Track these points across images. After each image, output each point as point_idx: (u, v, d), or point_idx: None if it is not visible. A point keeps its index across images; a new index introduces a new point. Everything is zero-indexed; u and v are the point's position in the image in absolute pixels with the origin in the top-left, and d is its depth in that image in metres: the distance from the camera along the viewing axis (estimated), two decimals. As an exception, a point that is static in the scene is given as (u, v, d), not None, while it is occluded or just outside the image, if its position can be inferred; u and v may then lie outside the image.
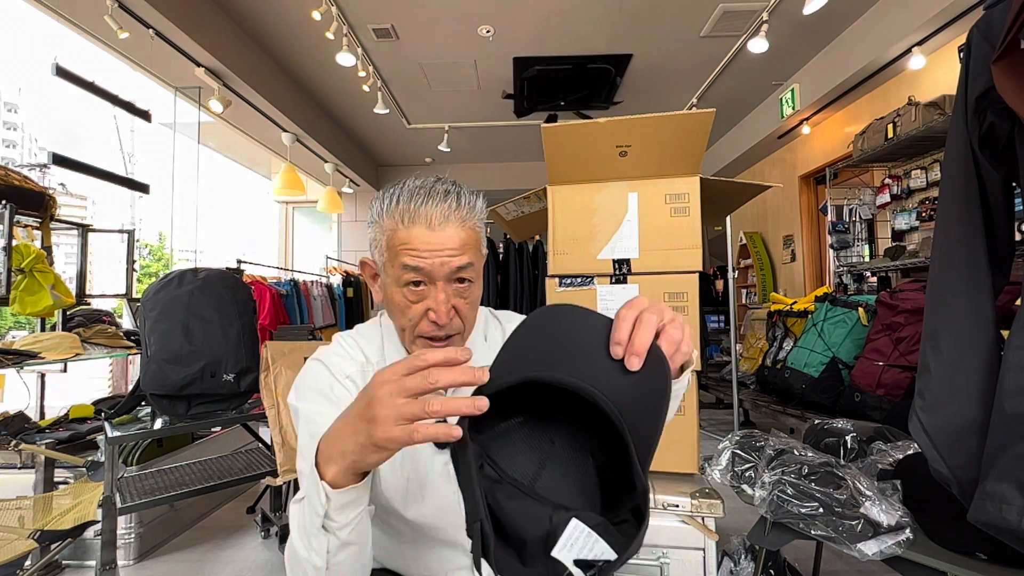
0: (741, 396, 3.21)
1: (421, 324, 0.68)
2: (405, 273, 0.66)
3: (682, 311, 1.20)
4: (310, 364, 0.73)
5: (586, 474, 0.51)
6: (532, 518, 0.45)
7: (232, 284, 1.91)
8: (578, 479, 0.50)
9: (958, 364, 0.87)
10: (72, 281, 2.51)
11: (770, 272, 5.51)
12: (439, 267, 0.65)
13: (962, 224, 0.90)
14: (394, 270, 0.67)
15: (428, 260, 0.65)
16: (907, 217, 3.20)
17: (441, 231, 0.65)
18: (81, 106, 79.12)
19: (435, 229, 0.65)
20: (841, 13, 3.43)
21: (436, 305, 0.66)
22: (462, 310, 0.69)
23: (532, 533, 0.44)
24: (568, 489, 0.50)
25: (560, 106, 4.80)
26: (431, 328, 0.68)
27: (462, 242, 0.66)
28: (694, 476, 1.24)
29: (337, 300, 5.43)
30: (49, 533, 1.47)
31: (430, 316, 0.67)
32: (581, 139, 1.21)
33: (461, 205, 0.67)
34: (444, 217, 0.66)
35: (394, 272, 0.67)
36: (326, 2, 3.18)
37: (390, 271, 0.68)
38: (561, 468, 0.51)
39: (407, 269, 0.65)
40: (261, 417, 1.85)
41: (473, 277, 0.69)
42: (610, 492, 0.49)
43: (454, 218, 0.66)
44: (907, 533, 0.94)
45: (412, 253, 0.65)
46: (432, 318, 0.67)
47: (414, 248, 0.65)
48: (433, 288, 0.67)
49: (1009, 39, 0.76)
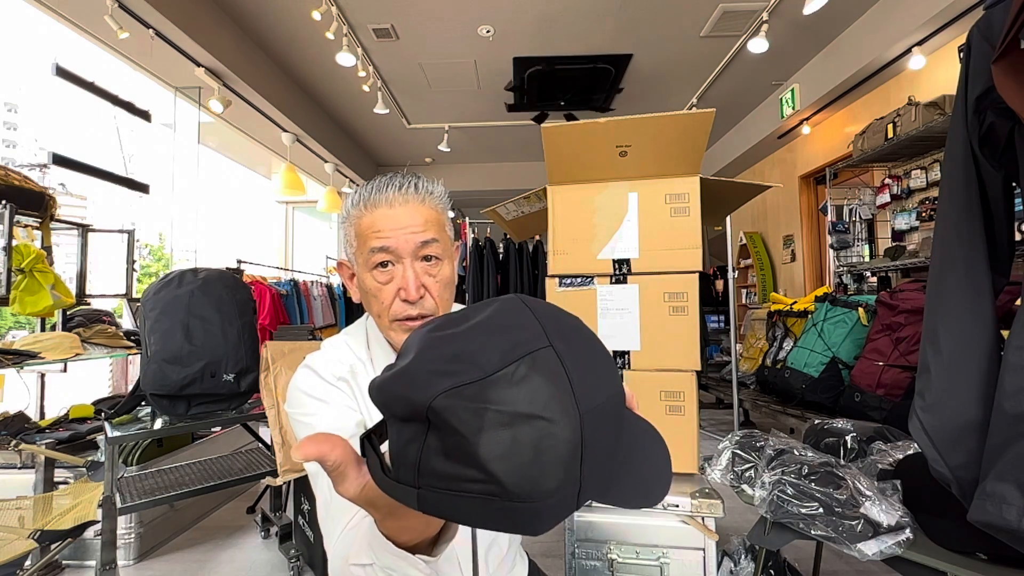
0: (741, 396, 3.21)
1: (394, 306, 0.69)
2: (373, 256, 0.68)
3: (682, 311, 1.20)
4: (300, 371, 0.73)
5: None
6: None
7: (232, 284, 1.91)
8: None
9: (958, 364, 0.87)
10: (72, 281, 2.51)
11: (770, 272, 5.51)
12: (404, 243, 0.67)
13: (962, 224, 0.90)
14: (363, 255, 0.69)
15: (393, 238, 0.67)
16: (907, 217, 3.20)
17: (402, 209, 0.68)
18: (81, 106, 79.07)
19: (396, 208, 0.68)
20: (841, 13, 3.43)
21: (405, 283, 0.68)
22: (432, 289, 0.70)
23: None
24: None
25: (559, 106, 4.81)
26: (404, 308, 0.69)
27: (424, 219, 0.69)
28: (694, 476, 1.24)
29: (337, 300, 5.44)
30: (49, 533, 1.47)
31: (400, 295, 0.68)
32: (581, 139, 1.21)
33: (420, 188, 0.71)
34: (404, 198, 0.69)
35: (363, 258, 0.69)
36: (326, 2, 3.18)
37: (360, 259, 0.70)
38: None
39: (374, 251, 0.68)
40: (261, 417, 1.86)
41: (440, 255, 0.70)
42: None
43: (413, 199, 0.69)
44: (907, 533, 0.94)
45: (377, 234, 0.68)
46: (403, 296, 0.68)
47: (378, 229, 0.68)
48: (401, 267, 0.68)
49: (1009, 39, 0.76)
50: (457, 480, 0.36)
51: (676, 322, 1.20)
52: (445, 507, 0.37)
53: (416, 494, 0.37)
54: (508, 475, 0.35)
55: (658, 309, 1.21)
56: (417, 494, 0.37)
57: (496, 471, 0.35)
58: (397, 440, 0.39)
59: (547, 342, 0.39)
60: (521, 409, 0.36)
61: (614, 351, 1.23)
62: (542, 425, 0.36)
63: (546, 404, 0.36)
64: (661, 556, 1.16)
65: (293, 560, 1.86)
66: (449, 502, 0.36)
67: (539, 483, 0.36)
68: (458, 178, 6.84)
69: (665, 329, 1.20)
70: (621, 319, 1.23)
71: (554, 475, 0.36)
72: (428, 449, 0.37)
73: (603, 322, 1.24)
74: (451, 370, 0.37)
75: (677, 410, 1.19)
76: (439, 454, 0.36)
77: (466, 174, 6.91)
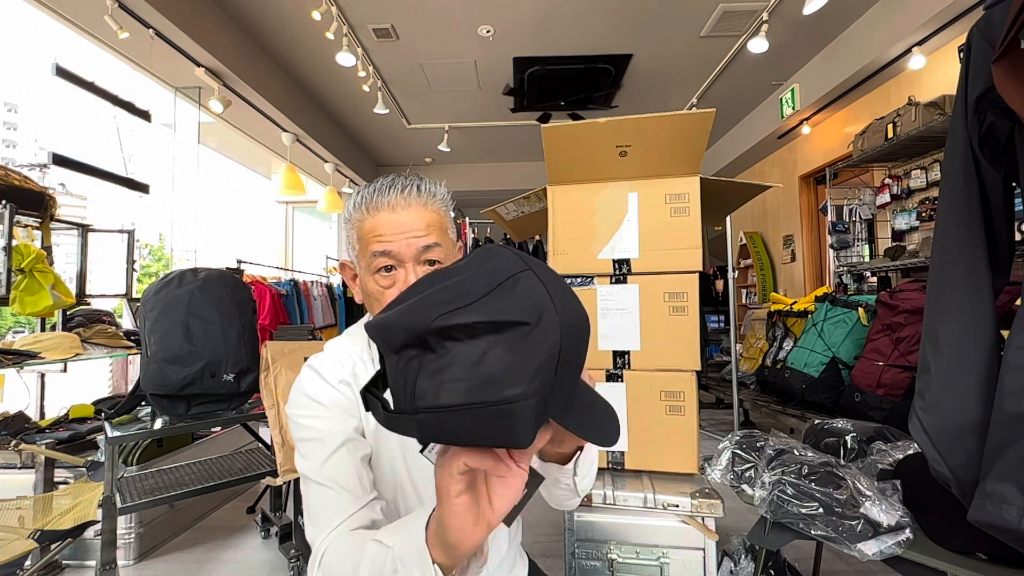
0: (741, 396, 3.21)
1: None
2: (375, 260, 0.68)
3: (682, 311, 1.20)
4: (304, 371, 0.74)
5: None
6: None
7: (232, 284, 1.91)
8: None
9: (958, 364, 0.87)
10: (72, 281, 2.51)
11: (770, 272, 5.51)
12: (406, 248, 0.68)
13: (962, 224, 0.90)
14: (365, 259, 0.70)
15: (395, 243, 0.67)
16: (907, 217, 3.20)
17: (404, 213, 0.68)
18: (81, 106, 79.08)
19: (398, 211, 0.68)
20: (841, 13, 3.43)
21: (407, 286, 0.67)
22: None
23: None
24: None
25: (560, 106, 4.81)
26: None
27: (427, 223, 0.69)
28: (694, 476, 1.24)
29: (337, 300, 5.44)
30: (49, 533, 1.47)
31: None
32: (581, 139, 1.21)
33: (422, 191, 0.71)
34: (406, 202, 0.69)
35: (366, 261, 0.70)
36: (326, 2, 3.18)
37: (362, 262, 0.71)
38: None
39: (376, 255, 0.68)
40: (261, 417, 1.85)
41: (442, 258, 0.71)
42: None
43: (416, 202, 0.70)
44: (907, 533, 0.94)
45: (379, 239, 0.68)
46: None
47: (381, 234, 0.68)
48: (403, 271, 0.69)
49: (1009, 39, 0.76)
50: (448, 391, 0.40)
51: (676, 322, 1.20)
52: (442, 427, 0.41)
53: (416, 420, 0.41)
54: (496, 373, 0.39)
55: (658, 309, 1.21)
56: (416, 420, 0.41)
57: (486, 371, 0.39)
58: (394, 371, 0.43)
59: (526, 266, 0.44)
60: (508, 317, 0.40)
61: (614, 351, 1.23)
62: (526, 329, 0.40)
63: (530, 311, 0.41)
64: (661, 556, 1.16)
65: (293, 560, 1.86)
66: (444, 421, 0.40)
67: (521, 379, 0.39)
68: (458, 178, 6.84)
69: (665, 329, 1.20)
70: (621, 319, 1.23)
71: (536, 372, 0.40)
72: (424, 369, 0.41)
73: (603, 322, 1.24)
74: (445, 299, 0.42)
75: (677, 410, 1.19)
76: (434, 373, 0.41)
77: (466, 174, 6.91)
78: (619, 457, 1.25)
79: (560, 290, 0.45)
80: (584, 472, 0.69)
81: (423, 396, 0.40)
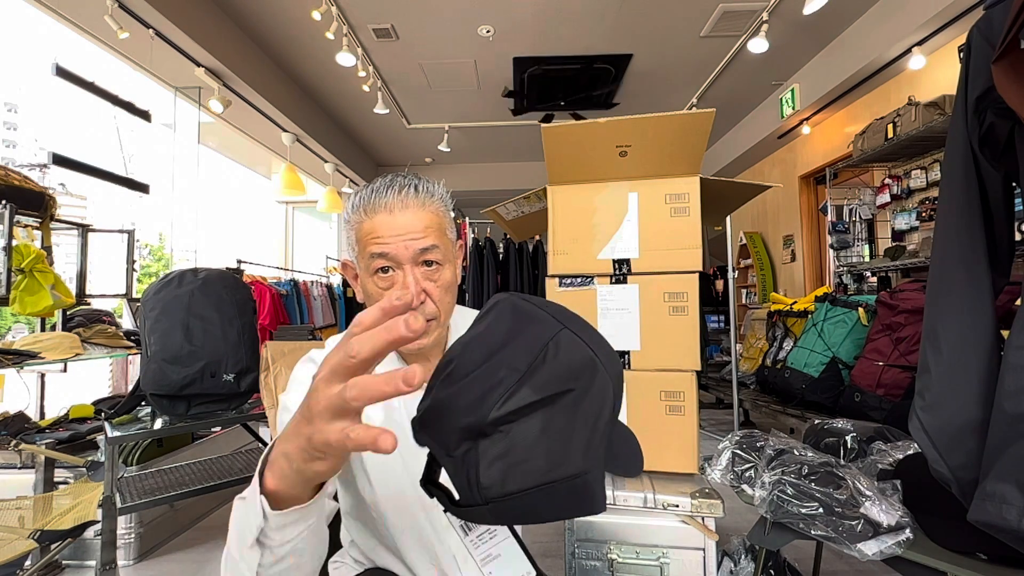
0: (741, 396, 3.21)
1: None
2: (373, 261, 0.68)
3: (682, 311, 1.20)
4: (301, 363, 0.74)
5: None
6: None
7: (232, 284, 1.91)
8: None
9: (958, 364, 0.87)
10: (72, 281, 2.51)
11: (770, 272, 5.51)
12: (403, 250, 0.68)
13: (962, 224, 0.90)
14: (364, 260, 0.70)
15: (392, 245, 0.67)
16: (907, 217, 3.20)
17: (401, 215, 0.68)
18: (81, 106, 79.10)
19: (395, 213, 0.68)
20: (841, 13, 3.43)
21: (405, 287, 0.68)
22: (433, 294, 0.70)
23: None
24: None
25: (560, 106, 4.80)
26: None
27: (424, 225, 0.69)
28: (694, 476, 1.24)
29: (337, 300, 5.44)
30: (49, 533, 1.47)
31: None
32: (581, 139, 1.21)
33: (420, 192, 0.71)
34: (403, 204, 0.69)
35: (365, 263, 0.70)
36: (326, 2, 3.18)
37: (362, 263, 0.71)
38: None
39: (374, 257, 0.68)
40: (261, 417, 1.85)
41: (440, 260, 0.71)
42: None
43: (413, 203, 0.69)
44: (907, 533, 0.94)
45: (377, 241, 0.68)
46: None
47: (378, 236, 0.68)
48: (401, 272, 0.69)
49: (1009, 39, 0.75)
50: (514, 476, 0.38)
51: (676, 322, 1.20)
52: (516, 510, 0.39)
53: (487, 510, 0.39)
54: (559, 449, 0.38)
55: (658, 309, 1.21)
56: (487, 509, 0.39)
57: (549, 448, 0.38)
58: (454, 468, 0.41)
59: (561, 325, 0.43)
60: (560, 387, 0.39)
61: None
62: (576, 394, 0.39)
63: (579, 374, 0.40)
64: (661, 556, 1.16)
65: (293, 560, 1.86)
66: (517, 505, 0.39)
67: (585, 449, 0.39)
68: (458, 178, 6.83)
69: (665, 329, 1.20)
70: (621, 319, 1.23)
71: (599, 439, 0.39)
72: (483, 458, 0.39)
73: (603, 322, 1.24)
74: (491, 384, 0.39)
75: (677, 410, 1.19)
76: (495, 460, 0.39)
77: (466, 174, 6.90)
78: (619, 457, 1.24)
79: (599, 343, 0.44)
80: None
81: (489, 486, 0.39)
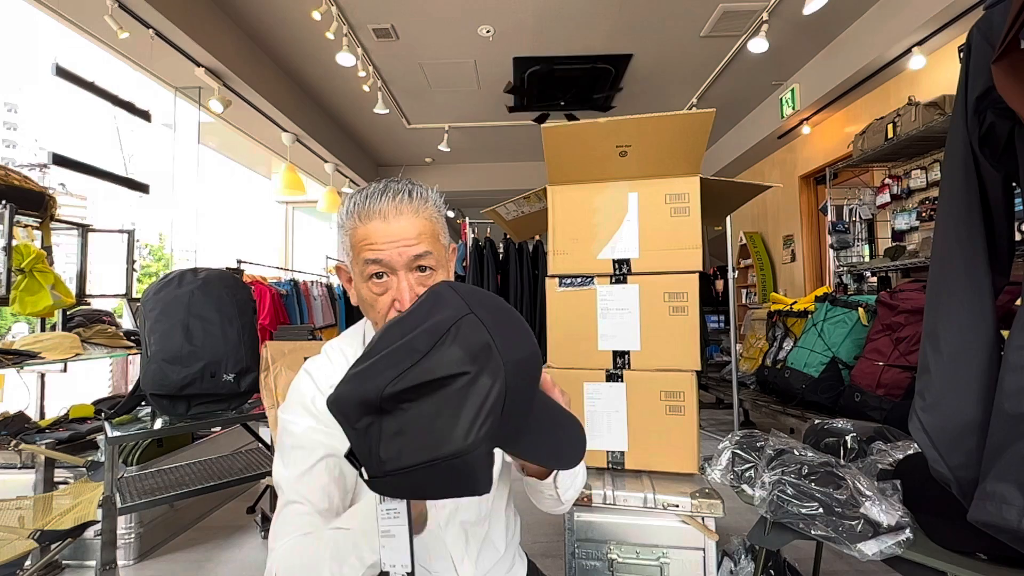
0: (741, 396, 3.21)
1: (390, 316, 0.70)
2: (367, 267, 0.69)
3: (682, 311, 1.20)
4: (299, 375, 0.75)
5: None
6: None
7: (232, 284, 1.91)
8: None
9: (958, 364, 0.87)
10: (72, 281, 2.51)
11: (770, 272, 5.51)
12: (397, 256, 0.68)
13: (962, 224, 0.90)
14: (358, 266, 0.71)
15: (386, 251, 0.68)
16: (907, 217, 3.20)
17: (395, 222, 0.69)
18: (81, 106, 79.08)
19: (389, 220, 0.69)
20: (841, 13, 3.43)
21: (399, 294, 0.69)
22: None
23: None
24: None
25: (560, 106, 4.80)
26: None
27: (418, 231, 0.70)
28: (694, 476, 1.24)
29: (337, 300, 5.44)
30: (49, 533, 1.47)
31: (396, 305, 0.69)
32: (581, 139, 1.21)
33: (413, 198, 0.71)
34: (397, 210, 0.69)
35: (359, 268, 0.71)
36: (326, 2, 3.18)
37: (356, 268, 0.72)
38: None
39: (368, 263, 0.69)
40: (261, 417, 1.86)
41: (434, 265, 0.71)
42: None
43: (407, 210, 0.70)
44: (907, 533, 0.94)
45: (371, 247, 0.68)
46: (397, 307, 0.69)
47: (372, 242, 0.68)
48: (395, 278, 0.69)
49: (1009, 39, 0.76)
50: (408, 452, 0.42)
51: (676, 322, 1.20)
52: (406, 485, 0.43)
53: (385, 482, 0.44)
54: (445, 427, 0.42)
55: (658, 309, 1.21)
56: (385, 482, 0.43)
57: (437, 426, 0.42)
58: (357, 440, 0.45)
59: (468, 310, 0.46)
60: (451, 370, 0.42)
61: (614, 351, 1.23)
62: (467, 378, 0.42)
63: (472, 359, 0.43)
64: (661, 556, 1.16)
65: (293, 560, 1.86)
66: (407, 480, 0.43)
67: (469, 429, 0.41)
68: (458, 178, 6.83)
69: (665, 329, 1.20)
70: (621, 319, 1.23)
71: (484, 419, 0.42)
72: (384, 434, 0.43)
73: (603, 322, 1.24)
74: (391, 363, 0.43)
75: (677, 410, 1.19)
76: (394, 436, 0.43)
77: (466, 174, 6.90)
78: (619, 457, 1.24)
79: (504, 328, 0.46)
80: (567, 484, 0.72)
81: (388, 460, 0.43)
